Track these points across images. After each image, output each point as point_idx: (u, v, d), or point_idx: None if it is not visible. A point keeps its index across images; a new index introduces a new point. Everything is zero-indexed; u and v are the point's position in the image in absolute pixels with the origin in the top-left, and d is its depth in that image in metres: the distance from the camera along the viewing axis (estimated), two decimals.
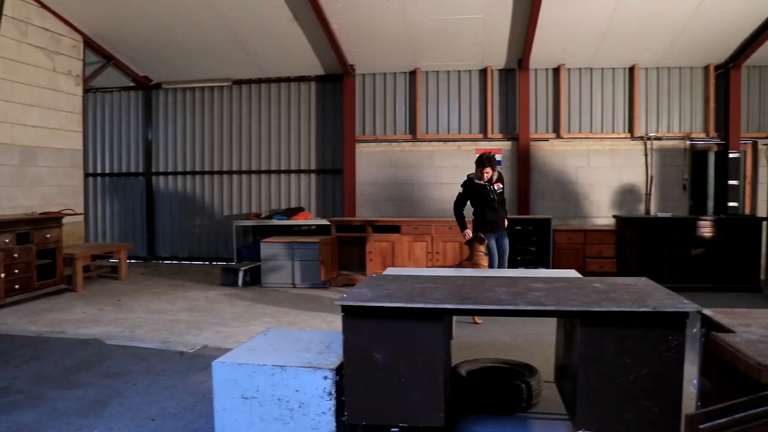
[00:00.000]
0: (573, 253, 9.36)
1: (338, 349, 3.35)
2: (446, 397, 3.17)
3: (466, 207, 7.43)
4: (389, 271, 5.20)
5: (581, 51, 9.81)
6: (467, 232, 7.18)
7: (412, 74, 10.71)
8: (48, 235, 8.31)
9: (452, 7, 8.86)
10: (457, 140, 10.61)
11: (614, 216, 9.92)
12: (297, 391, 3.21)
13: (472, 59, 10.27)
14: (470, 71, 10.59)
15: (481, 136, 10.53)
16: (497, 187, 7.28)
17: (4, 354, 5.59)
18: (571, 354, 3.34)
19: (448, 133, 10.67)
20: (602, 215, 10.23)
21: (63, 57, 9.77)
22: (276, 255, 9.27)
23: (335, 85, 11.08)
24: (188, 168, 11.83)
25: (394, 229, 9.22)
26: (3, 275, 7.51)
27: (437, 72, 10.67)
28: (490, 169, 7.15)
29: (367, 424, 3.21)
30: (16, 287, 7.76)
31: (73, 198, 10.08)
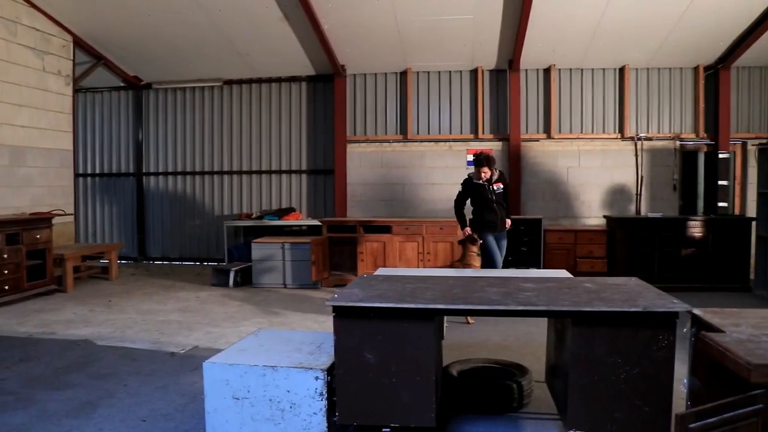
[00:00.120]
0: (564, 253, 9.38)
1: (329, 350, 3.35)
2: (437, 397, 3.18)
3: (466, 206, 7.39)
4: (380, 272, 5.21)
5: (571, 52, 9.85)
6: (466, 230, 7.13)
7: (403, 74, 10.72)
8: (38, 236, 8.26)
9: (443, 7, 8.87)
10: (448, 140, 10.62)
11: (605, 216, 9.96)
12: (288, 392, 3.21)
13: (463, 60, 10.29)
14: (461, 72, 10.60)
15: (472, 136, 10.55)
16: (497, 187, 7.18)
17: None
18: (562, 354, 3.35)
19: (439, 133, 10.68)
20: (593, 215, 10.27)
21: (53, 57, 9.71)
22: (267, 255, 9.24)
23: (326, 85, 11.06)
24: (179, 168, 11.78)
25: (386, 229, 9.21)
26: None
27: (428, 72, 10.68)
28: (487, 169, 7.06)
29: (358, 424, 3.21)
30: (6, 288, 7.70)
31: (63, 198, 10.01)
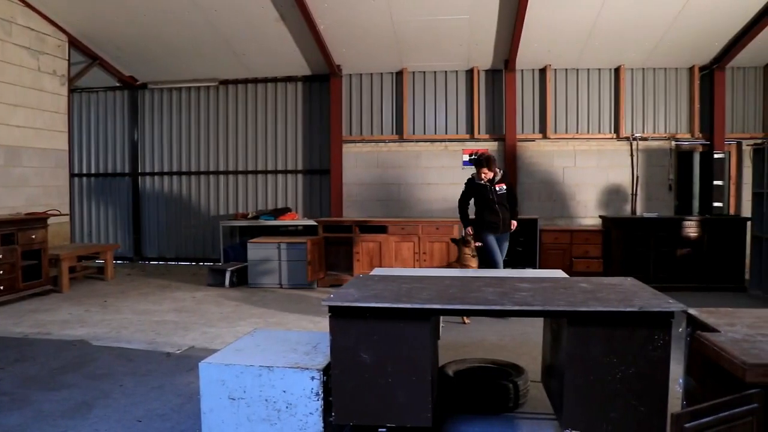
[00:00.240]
0: (559, 253, 9.39)
1: (325, 350, 3.35)
2: (434, 397, 3.18)
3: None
4: (376, 272, 5.20)
5: (567, 52, 9.87)
6: (468, 230, 7.09)
7: (399, 74, 10.72)
8: (33, 236, 8.23)
9: (438, 7, 8.88)
10: (443, 140, 10.63)
11: (600, 216, 9.97)
12: (284, 392, 3.20)
13: (459, 60, 10.30)
14: (457, 72, 10.62)
15: (467, 136, 10.56)
16: (499, 188, 7.11)
17: None
18: (558, 354, 3.36)
19: (435, 133, 10.69)
20: (588, 215, 10.29)
21: (48, 57, 9.68)
22: (263, 256, 9.23)
23: (322, 85, 11.06)
24: (175, 168, 11.76)
25: (381, 229, 9.21)
26: None
27: (424, 72, 10.69)
28: (487, 170, 7.01)
29: (354, 424, 3.21)
30: (1, 288, 7.67)
31: (59, 198, 9.99)
